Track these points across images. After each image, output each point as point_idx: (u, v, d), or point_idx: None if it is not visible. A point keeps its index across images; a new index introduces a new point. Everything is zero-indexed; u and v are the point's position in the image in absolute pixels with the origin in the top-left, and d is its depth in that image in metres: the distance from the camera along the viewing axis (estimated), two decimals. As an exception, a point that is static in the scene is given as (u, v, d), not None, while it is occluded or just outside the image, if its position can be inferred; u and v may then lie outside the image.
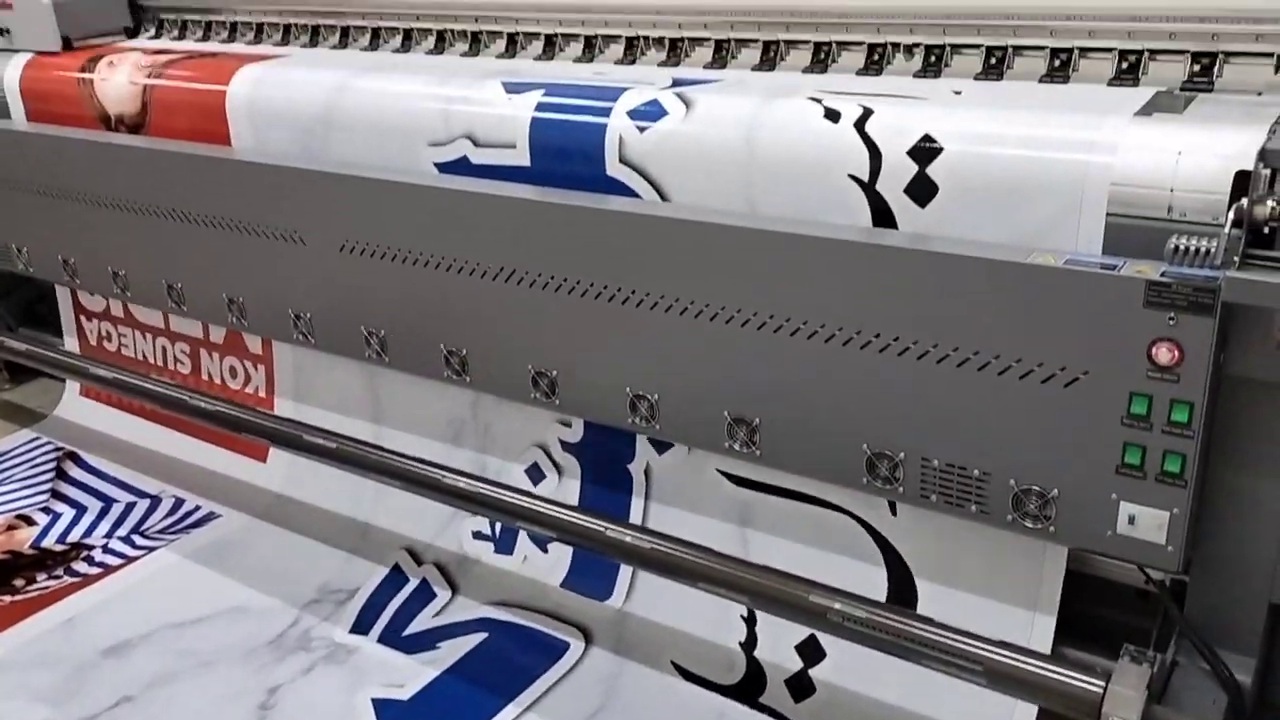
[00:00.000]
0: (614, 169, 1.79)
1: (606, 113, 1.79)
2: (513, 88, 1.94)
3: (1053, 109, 1.52)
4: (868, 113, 1.57)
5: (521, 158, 1.89)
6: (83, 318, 2.99)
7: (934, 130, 1.50)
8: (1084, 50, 1.68)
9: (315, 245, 2.17)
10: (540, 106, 1.87)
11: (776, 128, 1.64)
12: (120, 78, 2.52)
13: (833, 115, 1.60)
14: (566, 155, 1.84)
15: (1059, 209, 1.42)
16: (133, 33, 2.93)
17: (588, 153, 1.80)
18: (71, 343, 3.03)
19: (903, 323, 1.50)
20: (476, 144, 1.95)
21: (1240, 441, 1.42)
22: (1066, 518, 1.46)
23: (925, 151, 1.50)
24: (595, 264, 1.79)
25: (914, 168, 1.51)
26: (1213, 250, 1.26)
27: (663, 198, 1.78)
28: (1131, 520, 1.41)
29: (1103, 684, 1.38)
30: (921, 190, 1.51)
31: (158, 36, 2.90)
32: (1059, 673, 1.43)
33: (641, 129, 1.75)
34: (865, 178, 1.55)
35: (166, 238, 2.43)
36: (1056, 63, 1.70)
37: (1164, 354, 1.31)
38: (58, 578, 2.37)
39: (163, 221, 2.42)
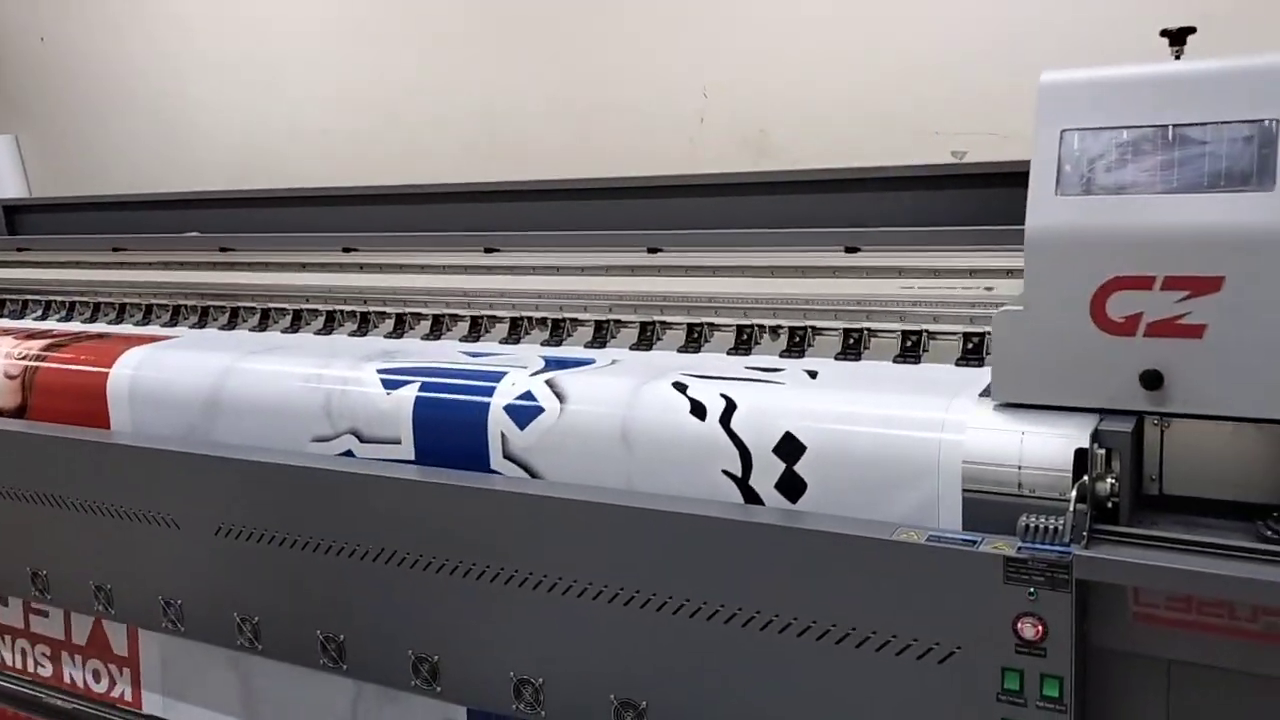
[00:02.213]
0: (498, 464, 1.83)
1: (485, 410, 1.83)
2: (390, 382, 1.97)
3: (904, 392, 1.61)
4: (731, 407, 1.64)
5: (407, 452, 1.92)
6: (-65, 613, 2.80)
7: (795, 428, 1.57)
8: (931, 333, 1.80)
9: (189, 528, 2.10)
10: (420, 403, 1.91)
11: (648, 425, 1.70)
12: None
13: (699, 410, 1.66)
14: (452, 452, 1.87)
15: (920, 489, 1.48)
16: None
17: (472, 450, 1.84)
18: (-80, 635, 2.81)
19: (780, 599, 1.51)
20: (361, 439, 1.97)
21: (1115, 713, 1.43)
22: (963, 800, 1.43)
23: (790, 450, 1.57)
24: (474, 543, 1.77)
25: (782, 465, 1.57)
26: (1061, 528, 1.31)
27: (550, 486, 1.80)
28: (1023, 802, 1.39)
29: None
30: (792, 486, 1.57)
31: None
32: None
33: (521, 425, 1.80)
34: (738, 473, 1.61)
35: (32, 522, 2.33)
36: (909, 343, 1.82)
37: (1028, 629, 1.34)
38: None
39: (31, 505, 2.33)
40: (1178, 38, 1.54)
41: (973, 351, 1.76)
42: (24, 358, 2.48)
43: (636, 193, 2.29)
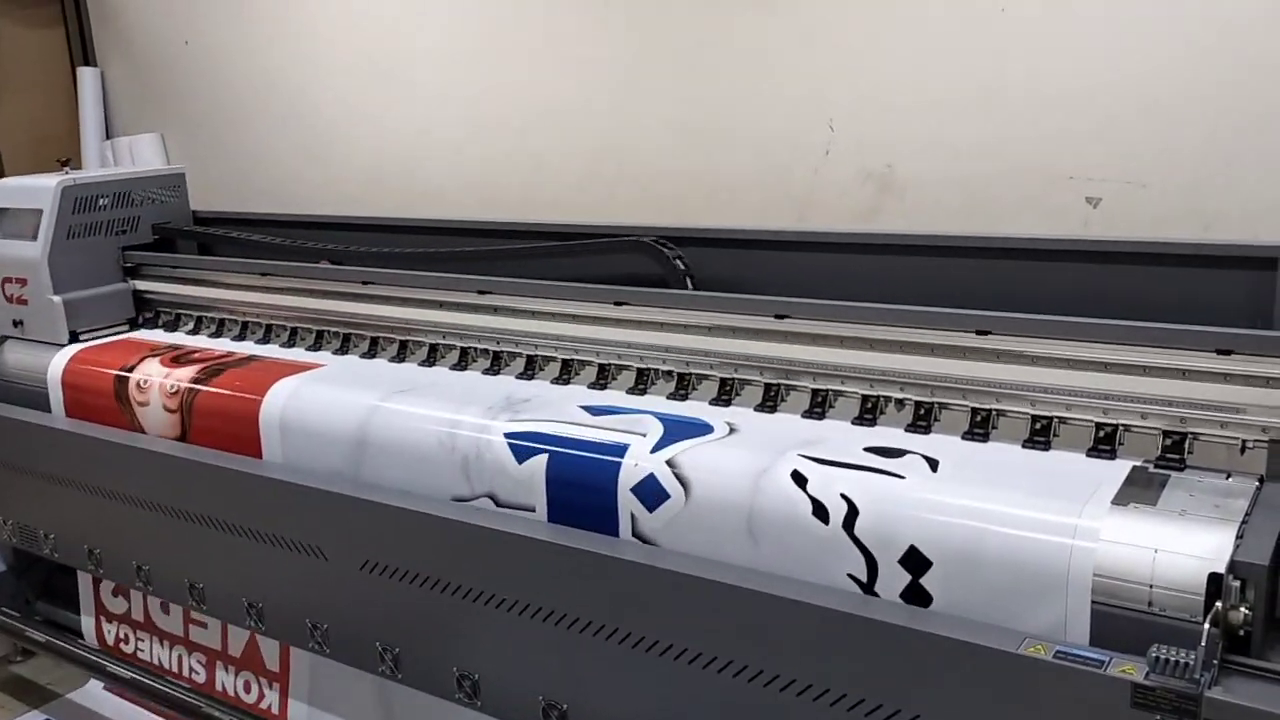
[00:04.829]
0: (628, 541, 1.91)
1: (614, 490, 1.91)
2: (519, 449, 2.06)
3: (1033, 495, 1.61)
4: (853, 512, 1.68)
5: (542, 518, 2.02)
6: (103, 618, 3.04)
7: (921, 541, 1.61)
8: (1063, 419, 1.80)
9: (336, 561, 2.25)
10: (551, 478, 2.00)
11: (772, 522, 1.75)
12: (156, 404, 2.68)
13: (821, 513, 1.70)
14: (586, 526, 1.96)
15: (1049, 607, 1.51)
16: (134, 324, 3.23)
17: (604, 527, 1.93)
18: (89, 623, 3.06)
19: (898, 695, 1.56)
20: (498, 504, 2.08)
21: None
22: None
23: (916, 563, 1.61)
24: (600, 606, 1.86)
25: (908, 577, 1.61)
26: (1192, 663, 1.33)
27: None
28: None
29: None
30: (918, 597, 1.61)
31: (171, 330, 3.16)
32: None
33: (650, 508, 1.88)
34: (864, 579, 1.66)
35: (192, 539, 2.52)
36: (1038, 426, 1.82)
37: (1154, 753, 1.37)
38: None
39: (190, 524, 2.51)
40: (65, 164, 3.35)
41: (1104, 441, 1.76)
42: (175, 393, 2.65)
43: (760, 245, 2.33)
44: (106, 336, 3.11)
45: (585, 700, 1.94)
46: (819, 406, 2.05)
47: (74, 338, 3.05)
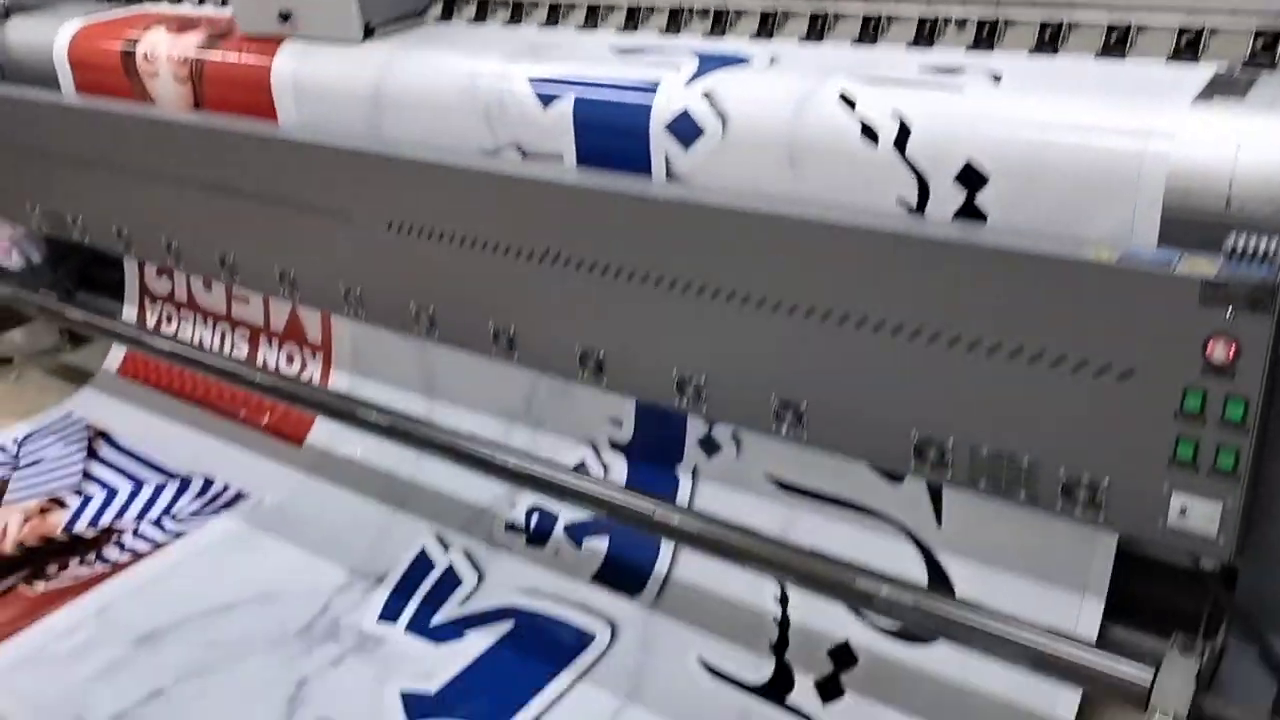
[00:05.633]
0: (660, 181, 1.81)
1: (646, 129, 1.78)
2: (544, 95, 1.92)
3: (1105, 96, 1.47)
4: (905, 131, 1.54)
5: (571, 166, 1.91)
6: (147, 299, 3.05)
7: (976, 156, 1.48)
8: (1141, 27, 1.62)
9: (363, 223, 2.18)
10: (579, 121, 1.87)
11: (816, 148, 1.62)
12: (166, 75, 2.53)
13: (870, 134, 1.57)
14: (618, 170, 1.85)
15: (1113, 210, 1.40)
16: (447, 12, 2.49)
17: (636, 170, 1.82)
18: (131, 312, 3.09)
19: (951, 315, 1.49)
20: (525, 154, 1.96)
21: (1294, 434, 1.40)
22: (1117, 507, 1.45)
23: (971, 178, 1.49)
24: (638, 249, 1.79)
25: (962, 195, 1.50)
26: (1272, 250, 1.23)
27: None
28: (1183, 511, 1.40)
29: (1151, 674, 1.40)
30: (972, 217, 1.51)
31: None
32: (1107, 661, 1.44)
33: (685, 146, 1.75)
34: (914, 203, 1.55)
35: (217, 210, 2.45)
36: (1113, 38, 1.65)
37: (1220, 351, 1.29)
38: (90, 564, 2.37)
39: (212, 195, 2.44)
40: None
41: (1187, 47, 1.59)
42: (184, 62, 2.50)
43: None
44: (402, 30, 2.32)
45: (623, 347, 1.90)
46: (870, 33, 1.87)
47: (369, 32, 2.29)
